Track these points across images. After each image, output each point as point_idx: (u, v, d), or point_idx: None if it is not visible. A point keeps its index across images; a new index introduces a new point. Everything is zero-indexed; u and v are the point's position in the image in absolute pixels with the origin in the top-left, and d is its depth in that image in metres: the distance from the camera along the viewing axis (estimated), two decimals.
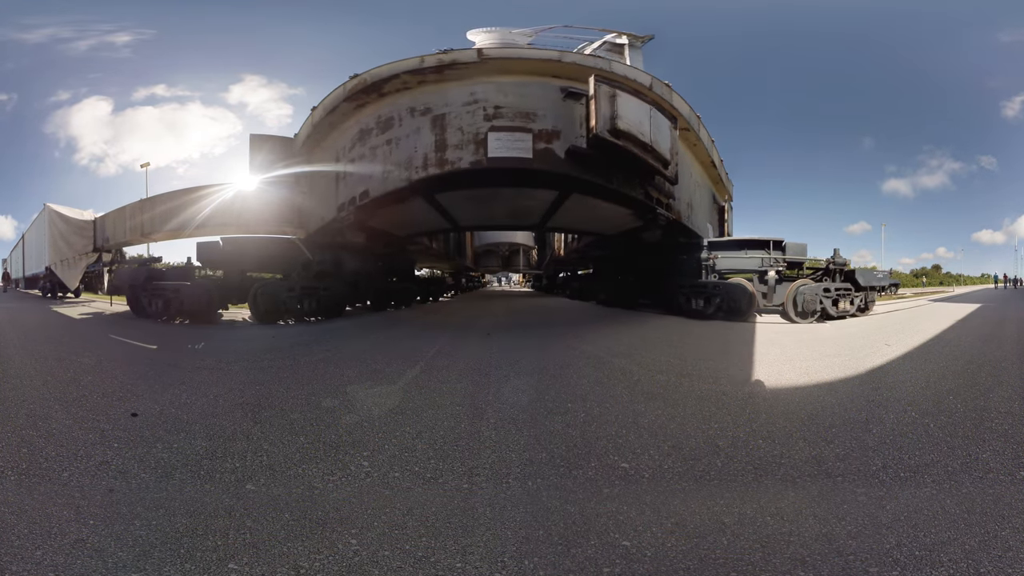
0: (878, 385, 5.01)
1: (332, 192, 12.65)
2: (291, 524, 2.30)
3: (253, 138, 13.28)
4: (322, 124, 12.37)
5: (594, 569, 1.96)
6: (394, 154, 11.16)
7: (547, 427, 3.63)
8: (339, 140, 12.51)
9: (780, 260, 12.77)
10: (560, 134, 10.59)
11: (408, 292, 19.20)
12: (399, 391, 4.69)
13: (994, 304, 17.69)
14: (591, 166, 10.81)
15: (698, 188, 15.68)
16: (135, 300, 13.02)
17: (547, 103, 10.64)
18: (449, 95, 10.74)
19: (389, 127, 11.26)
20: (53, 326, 10.60)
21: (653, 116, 11.08)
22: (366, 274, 15.55)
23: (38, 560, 1.96)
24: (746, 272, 13.00)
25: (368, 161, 11.57)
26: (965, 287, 49.95)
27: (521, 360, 6.28)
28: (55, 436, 3.38)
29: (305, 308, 11.96)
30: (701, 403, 4.30)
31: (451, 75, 10.61)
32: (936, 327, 9.66)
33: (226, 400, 4.37)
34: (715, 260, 13.21)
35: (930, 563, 1.96)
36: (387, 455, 3.12)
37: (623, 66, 11.55)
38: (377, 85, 10.96)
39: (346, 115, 12.00)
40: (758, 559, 2.02)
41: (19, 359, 6.26)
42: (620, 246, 17.68)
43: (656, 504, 2.53)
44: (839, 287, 11.99)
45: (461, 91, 10.68)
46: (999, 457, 3.03)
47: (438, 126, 10.71)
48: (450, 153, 10.63)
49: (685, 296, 12.99)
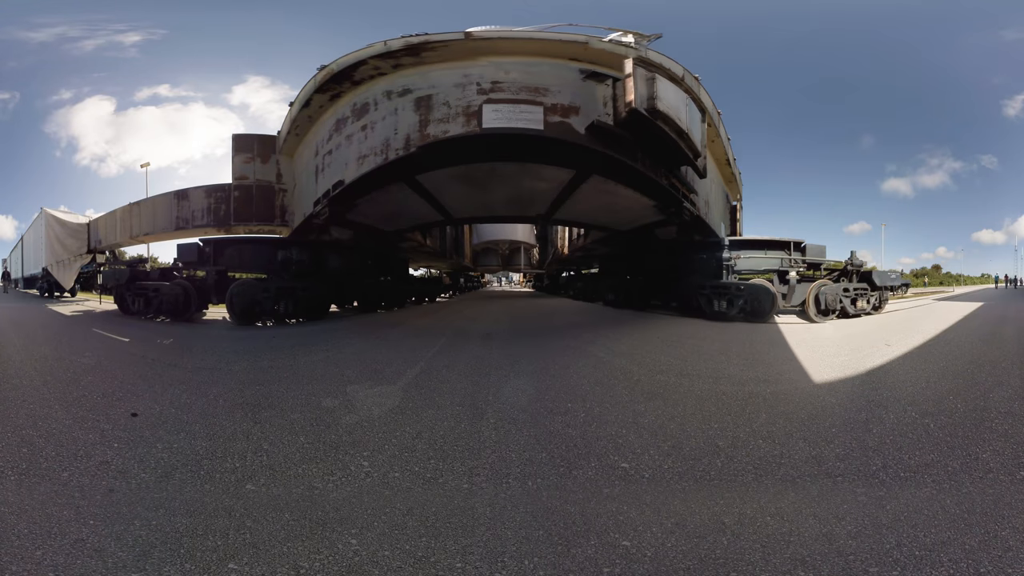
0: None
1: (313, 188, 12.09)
2: (291, 524, 2.30)
3: (236, 138, 13.08)
4: (300, 119, 11.90)
5: (594, 569, 1.96)
6: (370, 138, 10.44)
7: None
8: (318, 133, 11.99)
9: (800, 261, 13.04)
10: (579, 110, 9.65)
11: (400, 292, 18.37)
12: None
13: (995, 303, 18.03)
14: (617, 145, 9.86)
15: (714, 185, 14.94)
16: (121, 299, 13.79)
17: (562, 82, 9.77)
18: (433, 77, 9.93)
19: (364, 113, 10.62)
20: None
21: (689, 105, 10.42)
22: (351, 273, 14.82)
23: (38, 560, 1.96)
24: (766, 272, 13.02)
25: (344, 149, 10.98)
26: (965, 287, 50.02)
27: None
28: (55, 436, 3.38)
29: (282, 309, 11.62)
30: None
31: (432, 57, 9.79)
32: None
33: (226, 400, 4.37)
34: (736, 260, 12.99)
35: (930, 563, 1.96)
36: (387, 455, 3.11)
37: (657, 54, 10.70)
38: (347, 73, 10.33)
39: (323, 108, 11.49)
40: (758, 559, 2.02)
41: (19, 359, 6.27)
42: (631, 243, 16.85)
43: (656, 504, 2.53)
44: (856, 287, 12.52)
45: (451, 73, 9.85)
46: (999, 457, 3.03)
47: (422, 106, 9.89)
48: (433, 128, 9.73)
49: (707, 297, 12.61)
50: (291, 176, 13.07)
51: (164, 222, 14.43)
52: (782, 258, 12.98)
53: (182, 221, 13.85)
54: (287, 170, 13.08)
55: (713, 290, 12.59)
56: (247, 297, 11.57)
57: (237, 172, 12.95)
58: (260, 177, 12.96)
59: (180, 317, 12.08)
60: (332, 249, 13.94)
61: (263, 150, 12.98)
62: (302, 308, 12.01)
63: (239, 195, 12.98)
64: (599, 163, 10.56)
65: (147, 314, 12.55)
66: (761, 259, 13.18)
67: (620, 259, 19.08)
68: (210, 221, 13.29)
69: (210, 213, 13.27)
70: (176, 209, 14.00)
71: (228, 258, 12.92)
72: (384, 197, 12.09)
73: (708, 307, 12.51)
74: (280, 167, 13.04)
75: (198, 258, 12.97)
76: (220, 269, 12.78)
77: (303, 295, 12.06)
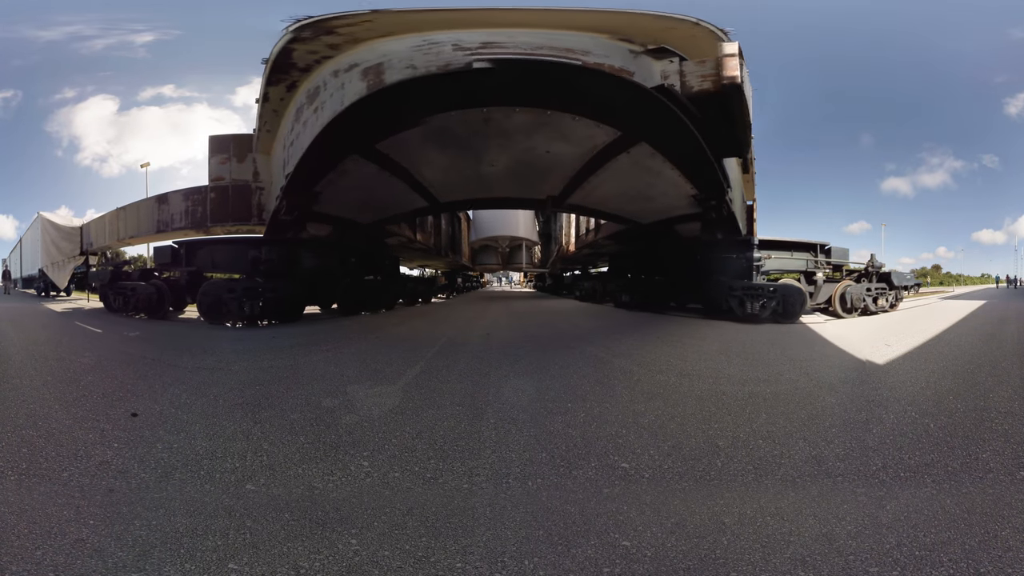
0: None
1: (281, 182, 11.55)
2: (291, 524, 2.30)
3: (212, 139, 13.04)
4: (265, 114, 11.38)
5: (594, 569, 1.96)
6: (320, 118, 9.78)
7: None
8: (284, 126, 11.52)
9: (825, 263, 13.47)
10: (633, 75, 8.21)
11: (388, 292, 16.50)
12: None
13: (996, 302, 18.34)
14: (684, 110, 8.48)
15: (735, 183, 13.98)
16: (105, 297, 14.57)
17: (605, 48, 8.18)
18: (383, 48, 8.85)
19: (316, 96, 10.11)
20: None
21: (753, 96, 9.23)
22: (329, 273, 13.74)
23: (38, 560, 1.96)
24: (792, 273, 13.17)
25: (302, 137, 10.43)
26: (965, 287, 50.11)
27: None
28: (55, 436, 3.38)
29: (247, 311, 11.14)
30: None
31: (376, 29, 8.71)
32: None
33: (227, 401, 4.37)
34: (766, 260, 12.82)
35: (930, 563, 1.96)
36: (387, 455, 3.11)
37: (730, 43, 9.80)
38: (286, 62, 9.72)
39: (283, 100, 10.94)
40: (758, 559, 2.02)
41: (19, 358, 6.27)
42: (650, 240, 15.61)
43: (656, 504, 2.53)
44: (877, 287, 13.26)
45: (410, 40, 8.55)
46: (999, 457, 3.03)
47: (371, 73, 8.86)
48: (391, 76, 8.46)
49: (738, 299, 12.11)
50: (268, 174, 12.83)
51: (147, 225, 14.94)
52: (808, 259, 13.30)
53: (162, 224, 14.24)
54: (264, 168, 12.81)
55: (745, 291, 12.09)
56: (212, 296, 11.54)
57: (213, 173, 13.02)
58: (237, 177, 12.91)
59: (155, 314, 12.66)
60: (308, 247, 13.20)
61: (239, 150, 12.93)
62: (270, 310, 11.46)
63: (215, 196, 13.08)
64: (656, 127, 9.00)
65: (127, 311, 13.23)
66: (788, 260, 13.36)
67: (633, 257, 17.70)
68: (188, 223, 13.54)
69: (188, 215, 13.53)
70: (157, 213, 14.39)
71: (201, 259, 13.04)
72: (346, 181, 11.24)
73: (739, 309, 11.97)
74: (257, 165, 12.83)
75: (172, 259, 13.26)
76: (192, 270, 12.94)
77: (271, 296, 11.48)
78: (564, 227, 29.05)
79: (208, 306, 11.47)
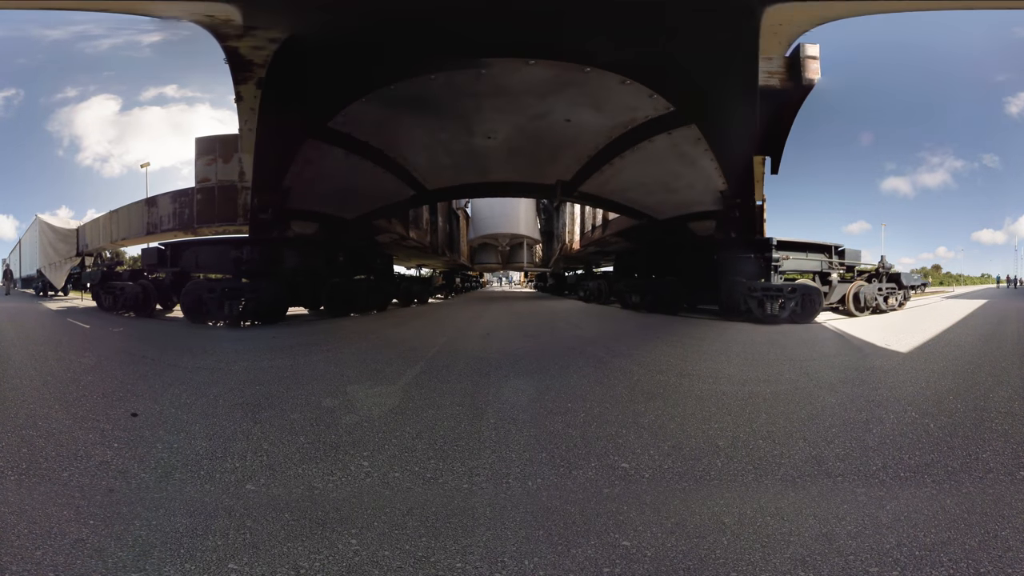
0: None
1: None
2: (291, 524, 2.30)
3: (198, 141, 13.11)
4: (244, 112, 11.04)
5: (594, 569, 1.96)
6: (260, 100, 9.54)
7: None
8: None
9: (839, 264, 13.62)
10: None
11: (378, 293, 15.53)
12: None
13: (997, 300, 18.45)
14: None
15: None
16: (97, 296, 14.89)
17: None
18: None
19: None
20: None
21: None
22: (313, 272, 13.22)
23: (38, 560, 1.96)
24: (807, 273, 13.09)
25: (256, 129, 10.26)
26: (965, 287, 50.09)
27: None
28: (55, 436, 3.38)
29: (227, 311, 10.93)
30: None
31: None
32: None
33: (227, 400, 4.37)
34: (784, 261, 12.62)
35: (930, 563, 1.96)
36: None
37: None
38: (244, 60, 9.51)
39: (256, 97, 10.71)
40: (758, 559, 2.02)
41: (19, 358, 6.27)
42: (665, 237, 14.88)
43: (656, 504, 2.53)
44: (887, 287, 13.79)
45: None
46: (999, 457, 3.03)
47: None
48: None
49: (757, 300, 11.90)
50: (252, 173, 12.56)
51: (137, 228, 15.22)
52: (822, 260, 13.35)
53: (152, 226, 14.53)
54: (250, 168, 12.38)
55: (765, 292, 11.91)
56: (193, 296, 11.54)
57: (200, 175, 13.16)
58: (223, 178, 13.00)
59: (142, 313, 12.94)
60: (292, 246, 12.77)
61: (225, 150, 12.98)
62: (250, 311, 11.15)
63: (202, 197, 13.25)
64: (722, 111, 8.45)
65: (116, 310, 13.56)
66: (804, 260, 13.25)
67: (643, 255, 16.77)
68: (176, 225, 13.79)
69: (175, 217, 13.80)
70: (147, 215, 14.66)
71: (186, 260, 13.03)
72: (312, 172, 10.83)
73: (759, 310, 11.75)
74: (243, 165, 12.46)
75: (158, 260, 13.36)
76: (176, 271, 12.95)
77: (250, 296, 11.21)
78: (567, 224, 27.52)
79: (189, 305, 11.51)
